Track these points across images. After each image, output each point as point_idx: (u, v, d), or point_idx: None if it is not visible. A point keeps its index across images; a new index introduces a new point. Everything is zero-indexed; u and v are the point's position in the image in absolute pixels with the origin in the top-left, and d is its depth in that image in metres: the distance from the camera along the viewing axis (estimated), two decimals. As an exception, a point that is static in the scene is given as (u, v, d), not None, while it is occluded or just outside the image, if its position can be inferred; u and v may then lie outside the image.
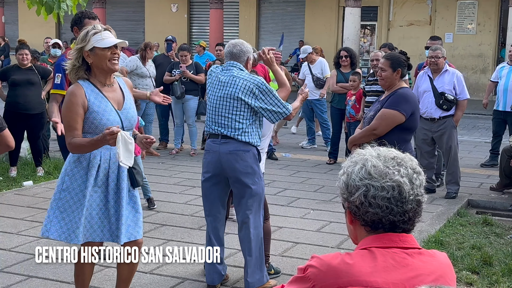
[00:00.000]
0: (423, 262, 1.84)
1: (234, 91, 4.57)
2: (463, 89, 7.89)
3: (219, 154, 4.64)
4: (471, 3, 20.32)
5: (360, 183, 1.84)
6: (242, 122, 4.60)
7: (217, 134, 4.68)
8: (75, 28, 5.23)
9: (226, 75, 4.66)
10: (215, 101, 4.66)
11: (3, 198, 7.39)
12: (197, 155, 9.98)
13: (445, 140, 7.92)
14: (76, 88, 3.84)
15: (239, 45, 4.71)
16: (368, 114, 5.47)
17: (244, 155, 4.62)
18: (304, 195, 7.86)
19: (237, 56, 4.68)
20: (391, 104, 5.22)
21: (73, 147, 3.83)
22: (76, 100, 3.79)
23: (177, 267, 5.24)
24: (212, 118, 4.70)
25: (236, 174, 4.64)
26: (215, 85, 4.69)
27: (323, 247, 5.93)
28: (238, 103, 4.57)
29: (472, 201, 7.99)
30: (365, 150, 1.92)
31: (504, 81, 9.54)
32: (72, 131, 3.81)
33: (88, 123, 3.83)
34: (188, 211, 6.98)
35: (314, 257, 1.85)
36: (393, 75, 5.34)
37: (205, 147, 4.84)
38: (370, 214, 1.84)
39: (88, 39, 3.77)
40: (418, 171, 1.87)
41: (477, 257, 5.60)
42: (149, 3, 24.07)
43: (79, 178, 3.88)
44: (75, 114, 3.80)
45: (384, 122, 5.18)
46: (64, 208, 3.90)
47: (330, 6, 21.77)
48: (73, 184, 3.88)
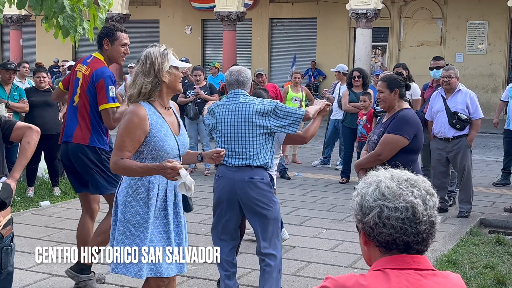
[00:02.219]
0: (437, 284, 1.83)
1: (247, 117, 4.50)
2: (476, 109, 7.87)
3: (234, 181, 4.55)
4: (481, 23, 20.31)
5: (374, 204, 1.84)
6: (255, 147, 4.52)
7: (231, 165, 4.58)
8: (105, 40, 5.02)
9: (234, 104, 4.59)
10: (228, 131, 4.56)
11: (21, 218, 7.43)
12: (211, 175, 9.99)
13: (459, 159, 7.89)
14: (139, 109, 3.62)
15: (243, 72, 4.66)
16: (371, 137, 5.43)
17: (258, 183, 4.55)
18: (317, 215, 7.84)
19: (244, 84, 4.64)
20: (393, 128, 5.18)
21: (120, 168, 3.59)
22: (139, 122, 3.58)
23: (191, 284, 5.24)
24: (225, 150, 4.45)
25: (250, 202, 4.57)
26: (224, 116, 4.59)
27: (337, 266, 5.91)
28: (252, 128, 4.50)
29: (484, 220, 7.93)
30: (378, 171, 1.92)
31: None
32: (123, 152, 3.57)
33: (149, 149, 3.65)
34: (202, 230, 6.97)
35: (329, 278, 1.85)
36: (391, 95, 5.30)
37: (218, 173, 4.72)
38: (384, 235, 1.84)
39: (168, 58, 3.61)
40: (431, 193, 1.87)
41: (490, 276, 5.55)
42: (163, 25, 24.30)
43: (141, 209, 3.69)
44: (133, 136, 3.58)
45: (387, 147, 5.16)
46: (130, 242, 3.71)
47: (341, 27, 21.85)
48: (135, 216, 3.69)
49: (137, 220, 3.69)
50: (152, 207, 3.69)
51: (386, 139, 5.16)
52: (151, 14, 24.36)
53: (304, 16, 22.52)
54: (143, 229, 3.69)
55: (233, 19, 19.84)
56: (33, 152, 3.63)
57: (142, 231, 3.69)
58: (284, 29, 23.27)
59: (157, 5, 24.42)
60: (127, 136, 3.58)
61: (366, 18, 18.01)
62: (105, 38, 5.03)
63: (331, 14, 21.68)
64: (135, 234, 3.70)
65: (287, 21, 23.06)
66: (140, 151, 3.66)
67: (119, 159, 3.56)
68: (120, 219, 3.73)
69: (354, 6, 18.05)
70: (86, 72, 4.98)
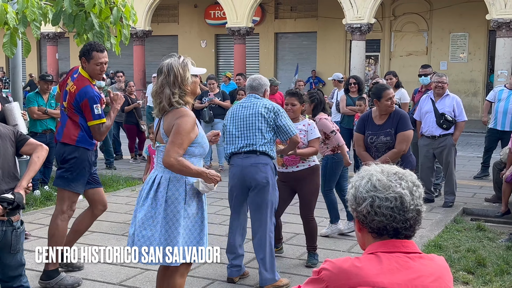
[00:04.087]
0: (423, 265, 1.83)
1: (256, 110, 4.78)
2: (461, 112, 7.94)
3: (242, 167, 4.77)
4: (463, 35, 20.22)
5: (366, 194, 1.84)
6: (261, 136, 4.73)
7: (240, 152, 4.79)
8: (82, 58, 4.83)
9: (247, 102, 4.88)
10: (239, 122, 4.81)
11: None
12: (224, 171, 9.99)
13: (444, 155, 7.89)
14: (191, 112, 3.59)
15: (257, 80, 4.95)
16: (378, 139, 5.46)
17: (263, 167, 4.74)
18: (318, 205, 7.73)
19: (256, 89, 4.92)
20: (404, 126, 5.40)
21: (179, 165, 3.48)
22: (194, 125, 3.57)
23: (207, 269, 5.24)
24: (236, 139, 4.81)
25: (255, 183, 4.76)
26: (238, 111, 4.86)
27: (335, 251, 5.89)
28: (259, 119, 4.74)
29: (467, 209, 7.90)
30: (370, 167, 1.91)
31: (504, 103, 9.41)
32: (181, 150, 3.49)
33: (199, 147, 3.64)
34: (217, 220, 6.97)
35: (327, 261, 1.84)
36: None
37: (230, 162, 4.95)
38: (376, 222, 1.83)
39: (189, 68, 3.61)
40: (417, 184, 1.87)
41: (472, 259, 5.53)
42: (182, 40, 24.33)
43: (196, 203, 3.70)
44: (190, 137, 3.54)
45: (408, 142, 5.40)
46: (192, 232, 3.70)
47: (338, 40, 21.81)
48: (193, 209, 3.68)
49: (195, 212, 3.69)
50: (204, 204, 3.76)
51: (405, 137, 5.38)
52: (170, 30, 24.40)
53: (306, 30, 22.50)
54: (201, 221, 3.72)
55: (242, 33, 19.84)
56: (40, 166, 3.64)
57: (200, 223, 3.72)
58: (288, 42, 23.25)
59: (176, 22, 24.47)
60: (186, 136, 3.51)
61: (360, 31, 17.98)
62: (82, 57, 4.86)
63: (329, 29, 21.65)
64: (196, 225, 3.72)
65: (290, 35, 23.04)
66: (191, 150, 3.60)
67: (178, 157, 3.48)
68: (185, 216, 3.64)
69: (350, 21, 18.03)
70: (72, 89, 4.81)
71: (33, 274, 4.94)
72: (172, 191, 3.60)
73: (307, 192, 5.34)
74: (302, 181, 5.31)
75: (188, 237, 3.64)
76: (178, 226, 3.58)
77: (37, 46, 25.95)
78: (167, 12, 24.10)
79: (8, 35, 5.64)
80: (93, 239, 6.08)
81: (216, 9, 22.70)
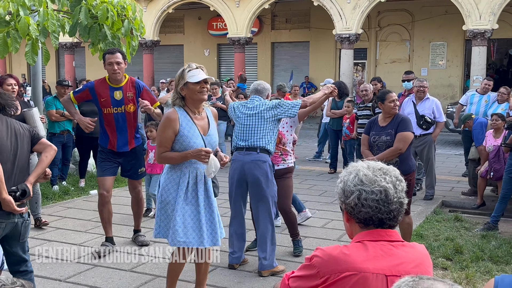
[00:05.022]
0: (406, 252, 1.82)
1: (259, 110, 4.84)
2: (441, 114, 8.00)
3: (243, 162, 4.78)
4: (442, 44, 20.22)
5: (354, 188, 1.84)
6: (263, 135, 4.77)
7: (242, 148, 4.81)
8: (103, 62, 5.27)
9: (251, 103, 4.93)
10: (243, 120, 4.85)
11: (74, 204, 7.46)
12: (226, 167, 9.98)
13: (425, 153, 7.90)
14: (173, 113, 3.76)
15: (262, 84, 5.06)
16: (380, 138, 5.45)
17: (262, 164, 4.74)
18: (311, 199, 7.82)
19: (260, 92, 5.00)
20: (404, 128, 5.36)
21: (163, 159, 3.80)
22: (170, 124, 3.73)
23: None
24: (239, 135, 4.86)
25: (254, 179, 4.75)
26: (243, 111, 4.90)
27: (326, 240, 5.89)
28: (261, 118, 4.79)
29: (445, 202, 7.91)
30: (357, 163, 1.91)
31: (475, 107, 9.41)
32: (163, 147, 3.76)
33: (179, 144, 3.75)
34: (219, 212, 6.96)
35: (318, 249, 1.84)
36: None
37: (232, 158, 4.95)
38: (363, 213, 1.83)
39: (183, 77, 3.72)
40: (400, 179, 1.86)
41: (450, 247, 5.53)
42: (187, 49, 24.29)
43: (173, 191, 3.81)
44: (167, 135, 3.74)
45: (405, 142, 5.33)
46: (166, 216, 3.86)
47: (329, 49, 21.79)
48: (169, 197, 3.82)
49: (169, 201, 3.81)
50: (180, 192, 3.78)
51: (403, 137, 5.29)
52: (177, 40, 24.36)
53: (299, 40, 22.47)
54: (173, 207, 3.80)
55: (242, 43, 19.81)
56: (48, 164, 3.63)
57: (173, 209, 3.80)
58: (283, 51, 23.22)
59: (182, 33, 24.42)
60: (162, 136, 3.76)
61: (349, 41, 17.96)
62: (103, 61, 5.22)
63: (321, 39, 21.62)
64: (169, 211, 3.83)
65: (285, 44, 23.01)
66: (172, 146, 3.78)
67: (161, 153, 3.78)
68: (158, 199, 3.88)
69: (339, 31, 18.02)
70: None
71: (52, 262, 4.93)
72: (167, 181, 3.85)
73: (285, 187, 5.31)
74: (281, 178, 5.28)
75: (183, 222, 3.83)
76: (174, 211, 3.83)
77: (55, 55, 25.89)
78: (174, 23, 24.05)
79: (29, 45, 5.64)
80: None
81: (218, 21, 22.66)
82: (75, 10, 6.03)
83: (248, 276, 4.77)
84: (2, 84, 6.10)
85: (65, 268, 4.87)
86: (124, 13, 6.31)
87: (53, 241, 5.68)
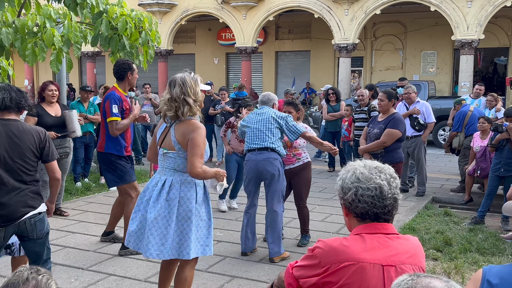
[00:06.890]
0: (400, 244, 1.82)
1: (269, 116, 4.94)
2: (430, 115, 7.99)
3: (256, 161, 4.88)
4: (432, 53, 20.16)
5: (351, 185, 1.83)
6: (272, 136, 4.88)
7: (254, 149, 4.90)
8: (129, 73, 4.97)
9: (261, 112, 5.04)
10: (255, 125, 4.94)
11: (95, 199, 7.49)
12: (221, 165, 9.97)
13: (416, 153, 7.90)
14: (202, 124, 3.35)
15: (267, 96, 5.22)
16: (372, 131, 5.76)
17: (273, 161, 4.85)
18: (312, 195, 7.78)
19: (266, 102, 5.17)
20: (393, 125, 5.65)
21: (204, 173, 3.28)
22: (205, 135, 3.34)
23: (219, 247, 5.23)
24: (251, 138, 4.95)
25: (269, 175, 4.85)
26: (253, 118, 5.01)
27: (326, 232, 5.89)
28: (270, 123, 4.89)
29: (436, 198, 7.88)
30: (355, 162, 1.91)
31: None
32: (202, 159, 3.27)
33: (205, 154, 3.34)
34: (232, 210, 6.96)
35: (320, 241, 1.84)
36: (388, 104, 5.95)
37: (245, 159, 5.03)
38: (360, 208, 1.83)
39: (198, 83, 3.34)
40: (394, 176, 1.86)
41: (440, 239, 5.51)
42: (198, 58, 24.33)
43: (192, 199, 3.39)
44: (204, 146, 3.31)
45: (390, 138, 5.58)
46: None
47: (328, 57, 21.77)
48: (189, 206, 3.36)
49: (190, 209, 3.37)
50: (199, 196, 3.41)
51: (389, 132, 5.58)
52: (189, 49, 24.39)
53: (301, 49, 22.45)
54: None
55: (248, 52, 19.82)
56: (57, 191, 3.50)
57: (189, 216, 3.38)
58: (286, 59, 23.21)
59: (193, 43, 24.46)
60: (203, 147, 3.29)
61: (347, 50, 17.94)
62: (128, 72, 4.98)
63: (321, 48, 21.60)
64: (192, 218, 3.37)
65: (288, 53, 23.00)
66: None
67: (202, 166, 3.27)
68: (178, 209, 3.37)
69: (338, 41, 18.00)
70: None
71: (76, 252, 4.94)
72: (185, 192, 3.32)
73: (301, 185, 5.33)
74: (296, 176, 5.30)
75: (198, 234, 3.38)
76: (190, 224, 3.32)
77: (78, 63, 25.98)
78: (186, 34, 24.09)
79: (54, 54, 5.67)
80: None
81: (227, 32, 22.68)
82: (97, 22, 6.05)
83: (254, 265, 4.77)
84: (44, 90, 6.26)
85: (87, 258, 4.89)
86: (141, 25, 6.33)
87: (76, 233, 5.70)
